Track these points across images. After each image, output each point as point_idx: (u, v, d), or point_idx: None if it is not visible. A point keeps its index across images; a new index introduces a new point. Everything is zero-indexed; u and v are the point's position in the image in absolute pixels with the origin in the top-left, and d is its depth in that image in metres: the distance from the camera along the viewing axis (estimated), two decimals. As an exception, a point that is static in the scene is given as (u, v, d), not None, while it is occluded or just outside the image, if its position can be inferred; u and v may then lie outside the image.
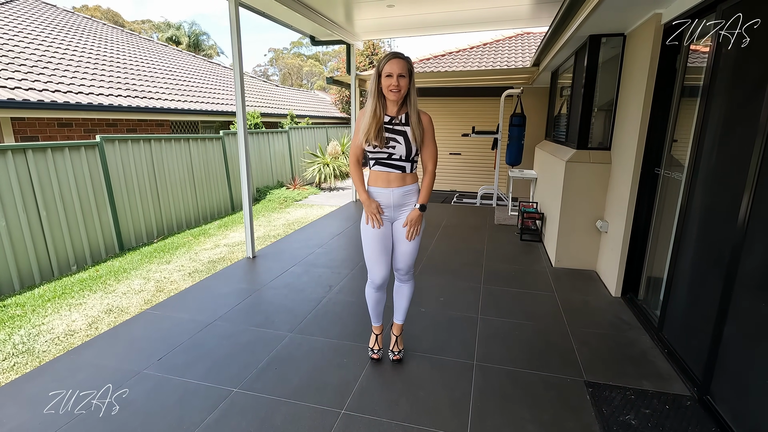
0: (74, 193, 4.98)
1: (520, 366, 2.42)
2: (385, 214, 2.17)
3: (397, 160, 2.09)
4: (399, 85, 1.97)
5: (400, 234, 2.20)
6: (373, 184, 2.17)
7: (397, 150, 2.06)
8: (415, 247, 2.23)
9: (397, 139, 2.06)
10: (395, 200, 2.14)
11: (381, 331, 2.49)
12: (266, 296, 3.40)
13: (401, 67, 1.97)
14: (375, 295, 2.34)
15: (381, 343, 2.49)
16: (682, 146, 2.76)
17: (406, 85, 2.00)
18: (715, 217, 2.16)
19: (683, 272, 2.46)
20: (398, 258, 2.26)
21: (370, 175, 2.19)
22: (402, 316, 2.43)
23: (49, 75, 6.85)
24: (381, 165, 2.12)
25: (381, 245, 2.19)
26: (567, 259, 4.03)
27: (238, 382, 2.27)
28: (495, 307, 3.18)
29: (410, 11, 5.36)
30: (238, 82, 3.95)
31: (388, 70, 1.97)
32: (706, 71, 2.30)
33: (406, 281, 2.34)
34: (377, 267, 2.22)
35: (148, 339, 2.72)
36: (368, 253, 2.22)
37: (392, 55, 2.00)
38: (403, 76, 1.98)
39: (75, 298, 3.94)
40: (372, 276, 2.26)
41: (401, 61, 1.98)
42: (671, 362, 2.44)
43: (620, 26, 3.43)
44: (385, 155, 2.08)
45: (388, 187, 2.13)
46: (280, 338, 2.72)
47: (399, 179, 2.13)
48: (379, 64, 2.02)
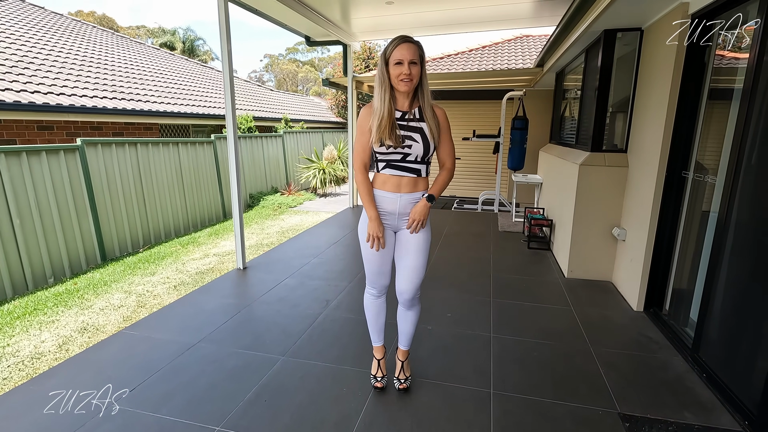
0: (52, 200, 4.65)
1: (544, 395, 2.13)
2: (387, 222, 1.90)
3: (413, 162, 1.82)
4: (411, 74, 1.71)
5: (405, 246, 1.92)
6: (380, 187, 1.88)
7: (414, 150, 1.79)
8: (422, 262, 1.92)
9: (414, 137, 1.78)
10: (401, 207, 1.87)
11: (383, 355, 2.18)
12: (257, 312, 3.09)
13: (412, 52, 1.71)
14: (375, 304, 2.09)
15: (385, 369, 2.17)
16: (714, 147, 2.51)
17: (418, 73, 1.73)
18: (766, 226, 1.90)
19: (724, 286, 2.19)
20: (402, 277, 1.94)
21: (375, 178, 1.90)
22: (407, 341, 2.13)
23: (30, 76, 6.52)
24: (393, 168, 1.83)
25: (382, 258, 1.95)
26: (580, 270, 3.76)
27: (221, 418, 1.96)
28: (508, 323, 2.90)
29: (409, 9, 5.13)
30: (228, 82, 3.66)
31: (398, 56, 1.70)
32: (750, 61, 2.05)
33: (412, 307, 2.03)
34: (378, 278, 2.00)
35: (121, 365, 2.40)
36: (369, 265, 1.98)
37: (401, 39, 1.72)
38: (415, 63, 1.71)
39: (47, 315, 3.60)
40: (374, 285, 2.03)
41: (412, 46, 1.72)
42: (713, 389, 2.17)
43: (638, 19, 3.19)
44: (399, 156, 1.80)
45: (396, 192, 1.86)
46: (272, 363, 2.42)
47: (410, 184, 1.86)
48: (385, 50, 1.74)
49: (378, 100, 1.76)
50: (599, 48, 3.59)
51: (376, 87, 1.78)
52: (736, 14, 2.30)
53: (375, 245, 1.87)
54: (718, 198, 2.29)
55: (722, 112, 2.45)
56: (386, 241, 1.90)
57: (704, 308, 2.34)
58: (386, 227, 1.90)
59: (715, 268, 2.25)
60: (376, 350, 2.17)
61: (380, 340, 2.15)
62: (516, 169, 6.57)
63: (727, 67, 2.46)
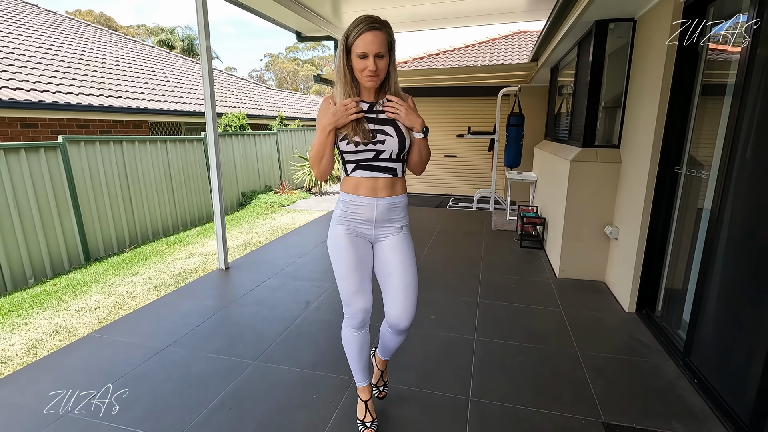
0: (32, 200, 4.54)
1: (524, 403, 2.01)
2: (364, 232, 1.61)
3: (387, 160, 1.55)
4: (377, 69, 1.44)
5: (391, 262, 1.61)
6: (351, 192, 1.58)
7: (388, 145, 1.52)
8: (413, 276, 1.62)
9: (386, 131, 1.52)
10: (379, 214, 1.58)
11: (371, 396, 1.81)
12: (233, 315, 2.98)
13: (379, 42, 1.42)
14: (356, 338, 1.69)
15: (374, 412, 1.81)
16: (708, 141, 2.38)
17: (386, 66, 1.48)
18: (761, 222, 1.77)
19: (717, 286, 2.07)
20: (393, 302, 1.61)
21: (345, 183, 1.62)
22: (389, 354, 1.86)
23: (13, 72, 6.41)
24: (365, 169, 1.55)
25: (362, 270, 1.61)
26: (572, 269, 3.63)
27: (180, 428, 1.84)
28: (494, 326, 2.78)
29: (401, 3, 5.01)
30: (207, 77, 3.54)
31: (361, 47, 1.42)
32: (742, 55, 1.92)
33: (401, 334, 1.70)
34: (356, 298, 1.61)
35: (83, 370, 2.29)
36: (345, 281, 1.61)
37: (366, 24, 1.41)
38: (382, 56, 1.44)
39: (21, 317, 3.50)
40: (353, 311, 1.62)
41: (379, 34, 1.41)
42: (705, 397, 2.05)
43: (631, 9, 3.06)
44: (370, 155, 1.53)
45: (373, 196, 1.57)
46: (241, 368, 2.30)
47: (388, 187, 1.58)
48: (347, 34, 1.44)
49: (339, 95, 1.51)
50: (591, 40, 3.46)
51: (336, 80, 1.52)
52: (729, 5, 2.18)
53: (351, 109, 1.48)
54: (711, 193, 2.17)
55: (715, 105, 2.33)
56: (362, 255, 1.61)
57: (696, 309, 2.21)
58: (362, 238, 1.62)
59: (708, 266, 2.12)
60: (360, 391, 1.81)
61: (365, 378, 1.78)
62: (512, 166, 6.44)
63: (719, 60, 2.34)
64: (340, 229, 1.62)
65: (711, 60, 2.41)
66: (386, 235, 1.63)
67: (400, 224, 1.64)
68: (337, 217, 1.64)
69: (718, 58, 2.35)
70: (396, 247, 1.62)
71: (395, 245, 1.62)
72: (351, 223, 1.61)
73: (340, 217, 1.63)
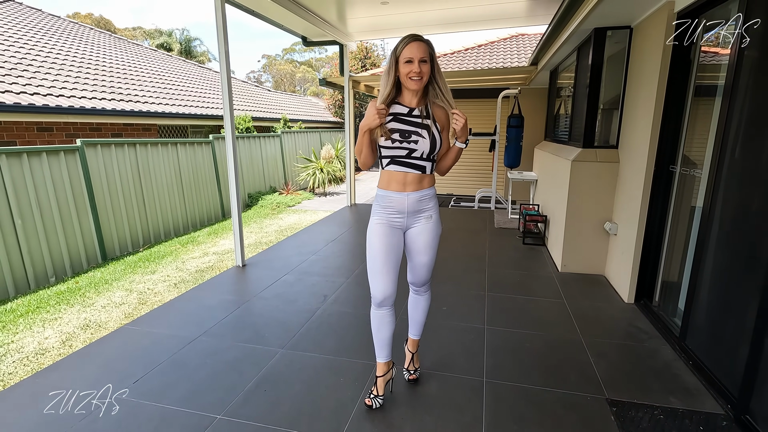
0: (53, 201, 4.70)
1: (535, 382, 2.20)
2: (397, 221, 1.86)
3: (418, 159, 1.81)
4: (421, 72, 1.72)
5: (416, 244, 1.91)
6: (384, 187, 1.85)
7: (420, 146, 1.78)
8: (432, 257, 1.95)
9: (421, 133, 1.79)
10: (410, 206, 1.84)
11: (385, 372, 2.00)
12: (256, 308, 3.15)
13: (422, 50, 1.72)
14: (379, 315, 1.92)
15: (382, 389, 2.01)
16: (700, 140, 2.58)
17: (428, 71, 1.74)
18: (748, 217, 1.97)
19: (709, 277, 2.26)
20: (414, 271, 1.99)
21: (381, 176, 1.90)
22: (418, 330, 2.14)
23: (29, 78, 6.57)
24: (398, 164, 1.81)
25: (388, 257, 1.84)
26: (574, 264, 3.83)
27: (222, 407, 2.02)
28: (502, 316, 2.97)
29: (405, 9, 5.19)
30: (225, 82, 3.72)
31: (408, 54, 1.71)
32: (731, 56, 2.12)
33: (423, 293, 2.08)
34: (380, 281, 1.84)
35: (123, 359, 2.47)
36: (372, 263, 1.85)
37: (411, 38, 1.73)
38: (425, 61, 1.72)
39: (50, 313, 3.66)
40: (374, 291, 1.87)
41: (422, 44, 1.72)
42: (698, 376, 2.24)
43: (627, 18, 3.26)
44: (404, 152, 1.79)
45: (403, 191, 1.83)
46: (270, 355, 2.48)
47: (416, 181, 1.83)
48: (396, 47, 1.75)
49: (380, 98, 1.78)
50: (590, 46, 3.65)
51: (382, 81, 1.81)
52: (719, 12, 2.37)
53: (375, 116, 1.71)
54: (703, 190, 2.36)
55: (707, 107, 2.52)
56: (394, 241, 1.86)
57: (690, 299, 2.41)
58: (395, 227, 1.87)
59: (701, 259, 2.32)
60: (379, 366, 2.01)
61: (383, 355, 1.98)
62: (512, 166, 6.64)
63: (710, 63, 2.53)
64: (375, 222, 1.89)
65: (703, 63, 2.60)
66: (417, 224, 1.90)
67: (429, 213, 1.90)
68: (374, 210, 1.91)
69: (710, 61, 2.54)
70: (422, 233, 1.90)
71: (422, 231, 1.90)
72: (385, 215, 1.87)
73: (376, 211, 1.90)
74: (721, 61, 2.37)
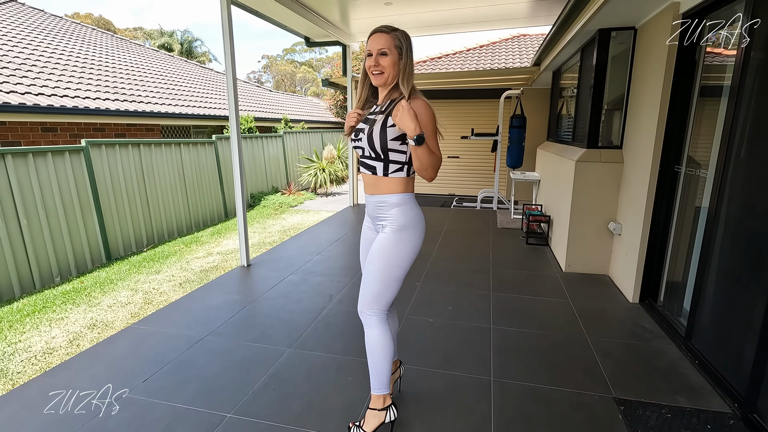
0: (58, 201, 4.72)
1: (542, 381, 2.21)
2: (371, 226, 1.80)
3: (367, 158, 1.65)
4: (380, 65, 1.56)
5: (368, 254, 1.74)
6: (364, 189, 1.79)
7: (362, 143, 1.63)
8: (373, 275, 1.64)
9: (363, 129, 1.63)
10: (369, 210, 1.74)
11: (394, 371, 1.92)
12: (262, 308, 3.17)
13: (382, 41, 1.55)
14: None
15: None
16: (705, 141, 2.59)
17: (392, 64, 1.56)
18: (754, 217, 1.98)
19: (715, 277, 2.28)
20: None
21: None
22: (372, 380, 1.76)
23: (33, 78, 6.59)
24: (360, 164, 1.73)
25: (364, 262, 1.80)
26: (578, 264, 3.84)
27: (231, 406, 2.04)
28: (507, 316, 2.98)
29: (408, 10, 5.22)
30: (231, 83, 3.74)
31: (368, 47, 1.59)
32: (737, 57, 2.13)
33: (366, 321, 1.70)
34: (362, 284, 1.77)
35: (132, 357, 2.48)
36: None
37: (373, 31, 1.58)
38: (385, 53, 1.55)
39: (56, 313, 3.68)
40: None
41: (383, 35, 1.55)
42: (705, 375, 2.25)
43: (632, 19, 3.27)
44: (360, 151, 1.68)
45: (368, 193, 1.72)
46: (278, 354, 2.49)
47: (372, 184, 1.67)
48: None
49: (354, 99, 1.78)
50: (594, 47, 3.67)
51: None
52: (725, 13, 2.38)
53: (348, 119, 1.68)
54: (709, 191, 2.37)
55: (712, 107, 2.54)
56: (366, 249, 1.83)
57: (696, 298, 2.42)
58: (371, 230, 1.81)
59: (707, 259, 2.33)
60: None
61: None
62: (515, 166, 6.65)
63: (716, 64, 2.54)
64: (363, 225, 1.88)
65: (708, 64, 2.62)
66: (380, 231, 1.72)
67: (384, 224, 1.67)
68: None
69: (714, 61, 2.55)
70: (375, 243, 1.69)
71: (376, 241, 1.69)
72: (366, 218, 1.85)
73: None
74: (727, 61, 2.38)
